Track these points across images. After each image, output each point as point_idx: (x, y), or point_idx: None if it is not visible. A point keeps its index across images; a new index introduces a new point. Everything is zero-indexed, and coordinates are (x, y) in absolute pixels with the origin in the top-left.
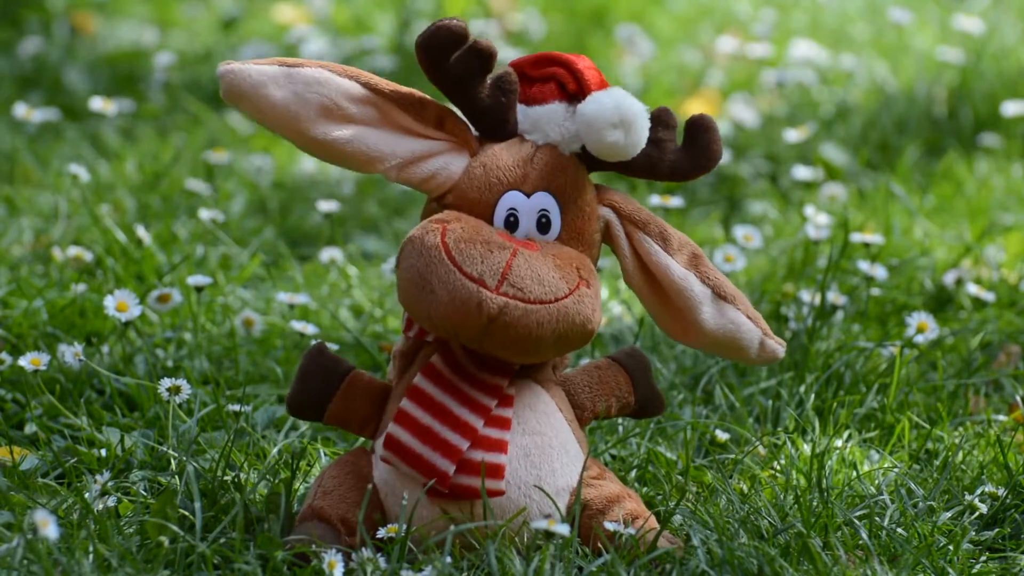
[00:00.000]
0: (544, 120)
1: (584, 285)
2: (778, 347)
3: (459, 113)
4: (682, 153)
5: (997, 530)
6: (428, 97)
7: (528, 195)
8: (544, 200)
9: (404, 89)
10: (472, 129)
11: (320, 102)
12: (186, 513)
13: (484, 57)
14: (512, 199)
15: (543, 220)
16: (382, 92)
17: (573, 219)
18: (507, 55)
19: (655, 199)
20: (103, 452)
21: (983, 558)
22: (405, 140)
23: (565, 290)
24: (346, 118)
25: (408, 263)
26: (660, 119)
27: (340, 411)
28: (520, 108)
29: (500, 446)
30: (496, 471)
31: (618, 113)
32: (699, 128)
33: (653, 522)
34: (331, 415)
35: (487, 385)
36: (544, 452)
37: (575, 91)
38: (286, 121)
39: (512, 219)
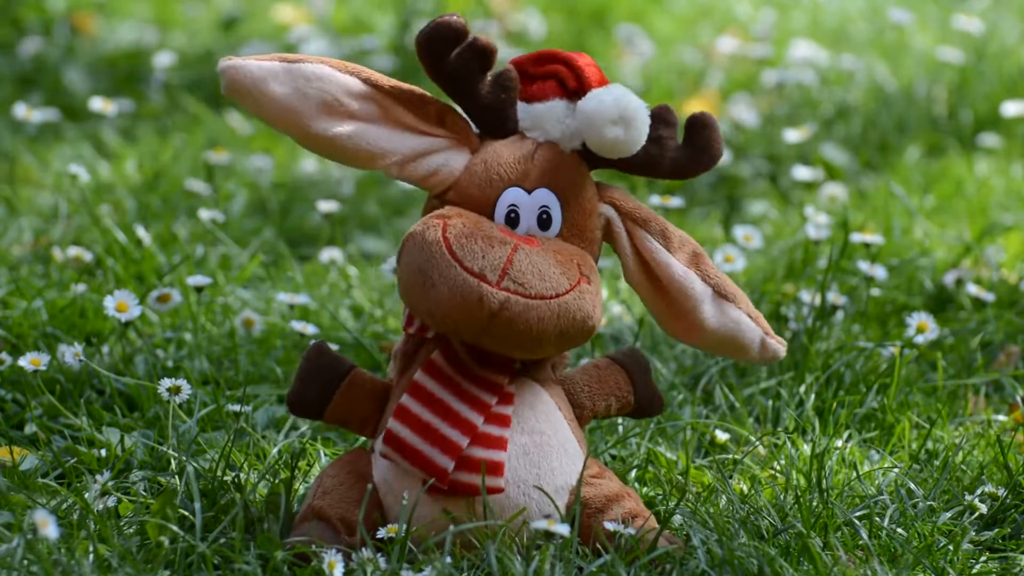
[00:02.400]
0: (545, 117)
1: (585, 281)
2: (779, 347)
3: (460, 110)
4: (682, 151)
5: (997, 530)
6: (429, 94)
7: (529, 192)
8: (545, 196)
9: (405, 86)
10: (473, 126)
11: (321, 98)
12: (186, 513)
13: (484, 54)
14: (513, 195)
15: (544, 216)
16: (383, 88)
17: (574, 216)
18: (507, 55)
19: (655, 199)
20: (103, 452)
21: (983, 558)
22: (406, 137)
23: (566, 286)
24: (347, 114)
25: (409, 258)
26: (661, 117)
27: (340, 410)
28: (521, 105)
29: (500, 443)
30: (495, 468)
31: (618, 109)
32: (700, 126)
33: (652, 521)
34: (331, 414)
35: (487, 382)
36: (543, 451)
37: (576, 88)
38: (287, 117)
39: (513, 215)
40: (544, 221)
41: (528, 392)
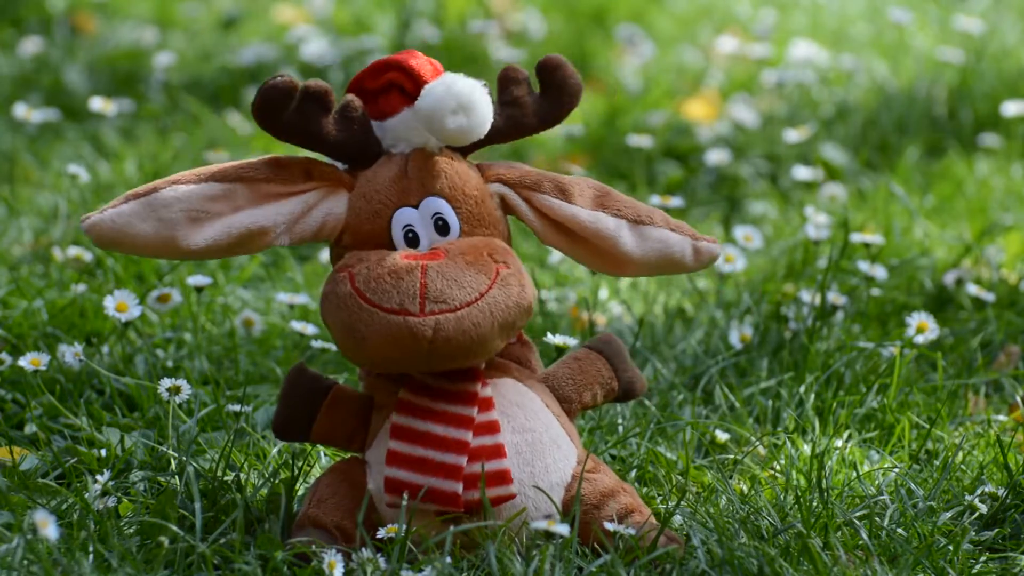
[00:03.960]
0: (401, 130)
1: (503, 267)
2: (712, 246)
3: (322, 157)
4: (542, 100)
5: (997, 530)
6: (285, 156)
7: (416, 206)
8: (433, 204)
9: (258, 160)
10: (339, 166)
11: (186, 216)
12: (186, 513)
13: (319, 97)
14: (403, 216)
15: (439, 223)
16: (240, 176)
17: (468, 209)
18: (507, 55)
19: (655, 199)
20: (103, 452)
21: (983, 558)
22: (280, 205)
23: (486, 282)
24: (215, 215)
25: (332, 319)
26: (507, 78)
27: (326, 428)
28: (376, 125)
29: (498, 451)
30: (503, 477)
31: (453, 98)
32: (549, 69)
33: (649, 516)
34: (317, 433)
35: (461, 395)
36: (535, 449)
37: (413, 90)
38: (163, 246)
39: (411, 235)
40: (441, 227)
41: (513, 392)
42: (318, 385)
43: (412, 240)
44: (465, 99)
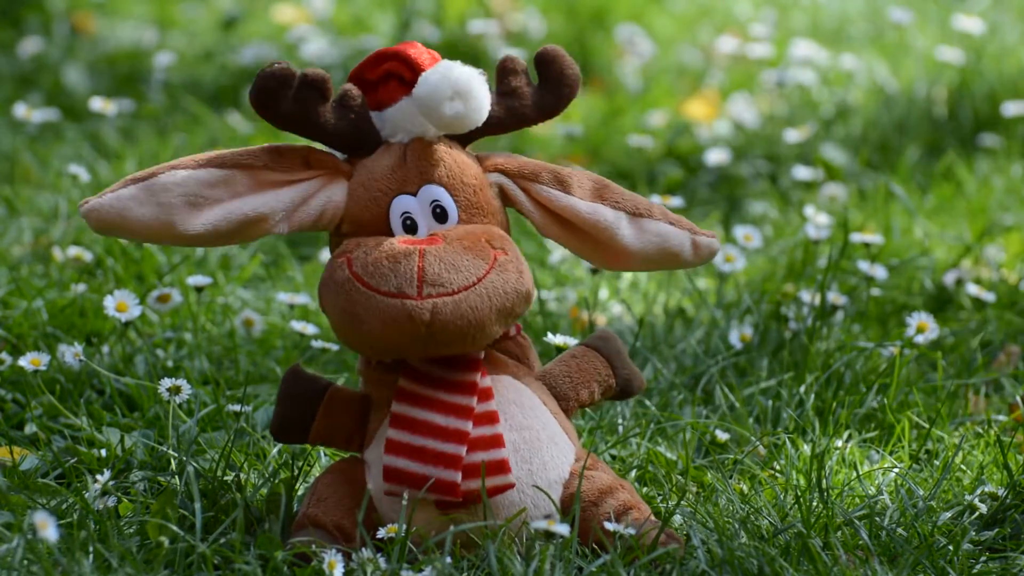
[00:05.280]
0: (399, 119)
1: (501, 254)
2: (711, 240)
3: (321, 146)
4: (541, 91)
5: (997, 530)
6: (284, 145)
7: (415, 194)
8: (432, 192)
9: (258, 149)
10: (338, 155)
11: (184, 201)
12: (186, 513)
13: (318, 85)
14: (401, 204)
15: (438, 211)
16: (239, 164)
17: (466, 197)
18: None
19: (655, 199)
20: (103, 452)
21: (983, 558)
22: (279, 193)
23: (484, 267)
24: (215, 202)
25: (331, 304)
26: (505, 69)
27: (324, 429)
28: (375, 115)
29: (496, 441)
30: (502, 466)
31: (450, 85)
32: (547, 60)
33: (647, 513)
34: (315, 435)
35: (461, 384)
36: (533, 446)
37: (411, 79)
38: (162, 231)
39: (409, 222)
40: (440, 215)
41: (511, 390)
42: (315, 386)
43: (410, 227)
44: (462, 86)
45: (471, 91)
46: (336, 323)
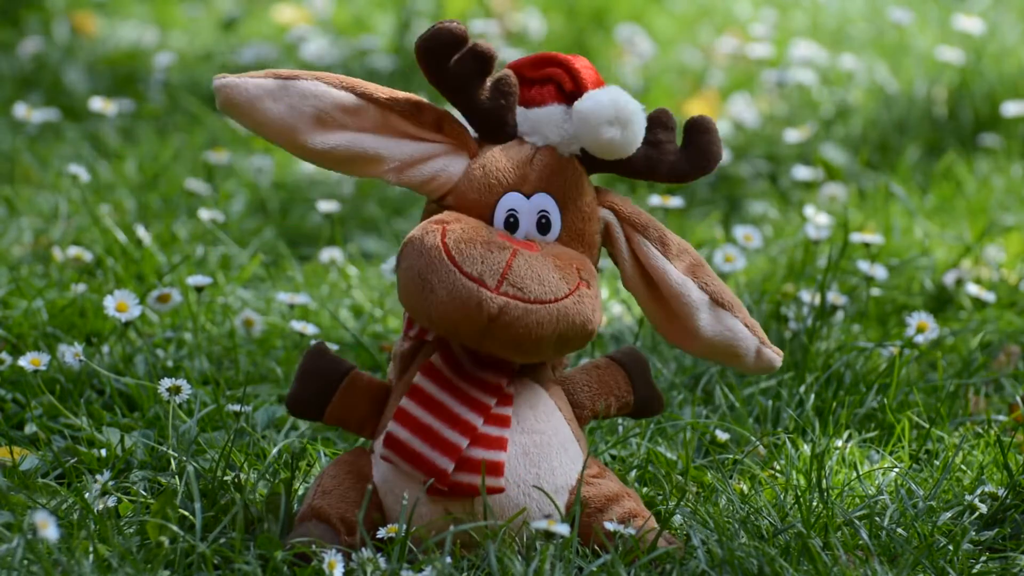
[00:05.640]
0: (543, 122)
1: (584, 286)
2: (775, 356)
3: (458, 115)
4: (681, 154)
5: (997, 530)
6: (425, 101)
7: (528, 196)
8: (544, 201)
9: (400, 94)
10: (471, 131)
11: (315, 114)
12: (186, 513)
13: (484, 59)
14: (512, 200)
15: (543, 221)
16: (378, 100)
17: (573, 220)
18: (507, 55)
19: (655, 199)
20: (103, 452)
21: (983, 558)
22: (403, 143)
23: (565, 290)
24: (341, 126)
25: (408, 263)
26: (659, 120)
27: (339, 411)
28: (519, 110)
29: (500, 444)
30: (495, 468)
31: (614, 110)
32: (698, 129)
33: (652, 521)
34: (330, 415)
35: (487, 384)
36: (543, 451)
37: (573, 90)
38: (283, 133)
39: (512, 220)
40: (543, 225)
41: (528, 392)
42: (336, 367)
43: (511, 225)
44: (626, 115)
45: (631, 122)
46: (405, 284)
